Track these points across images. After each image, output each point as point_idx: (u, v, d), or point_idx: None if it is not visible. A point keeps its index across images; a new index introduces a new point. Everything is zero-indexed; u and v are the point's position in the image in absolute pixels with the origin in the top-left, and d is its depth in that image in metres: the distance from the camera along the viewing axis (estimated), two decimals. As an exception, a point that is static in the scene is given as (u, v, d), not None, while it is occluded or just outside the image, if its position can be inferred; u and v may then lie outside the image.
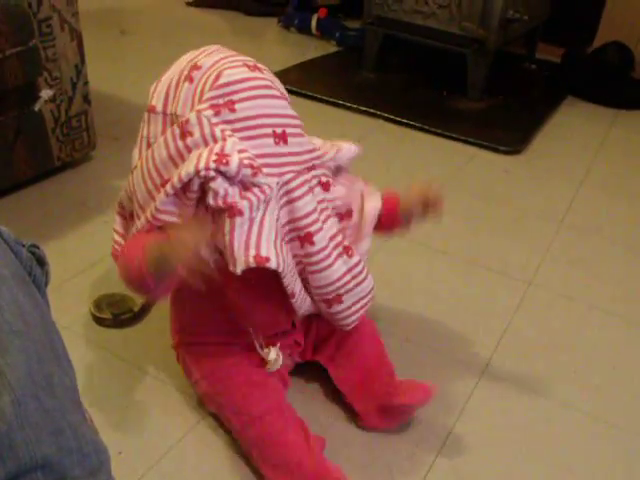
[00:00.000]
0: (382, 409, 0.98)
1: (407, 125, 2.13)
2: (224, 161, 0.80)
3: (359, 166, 1.05)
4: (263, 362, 0.97)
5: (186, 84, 0.86)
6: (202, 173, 0.80)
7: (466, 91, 2.35)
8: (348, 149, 1.00)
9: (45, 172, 1.57)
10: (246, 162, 0.82)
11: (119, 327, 1.15)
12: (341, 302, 0.95)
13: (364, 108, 2.20)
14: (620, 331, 1.29)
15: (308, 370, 1.08)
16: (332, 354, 1.04)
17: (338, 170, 1.00)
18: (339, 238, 0.93)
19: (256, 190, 0.83)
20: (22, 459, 0.55)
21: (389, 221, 1.03)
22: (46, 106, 1.49)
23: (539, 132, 2.20)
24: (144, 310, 1.19)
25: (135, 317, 1.17)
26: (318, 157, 0.93)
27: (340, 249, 0.93)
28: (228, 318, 0.96)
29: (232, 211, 0.82)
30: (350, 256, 0.94)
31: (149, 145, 0.90)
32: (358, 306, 0.97)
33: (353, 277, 0.95)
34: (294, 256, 0.91)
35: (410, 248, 1.47)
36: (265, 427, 0.90)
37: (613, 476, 0.98)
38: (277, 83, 0.90)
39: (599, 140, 2.18)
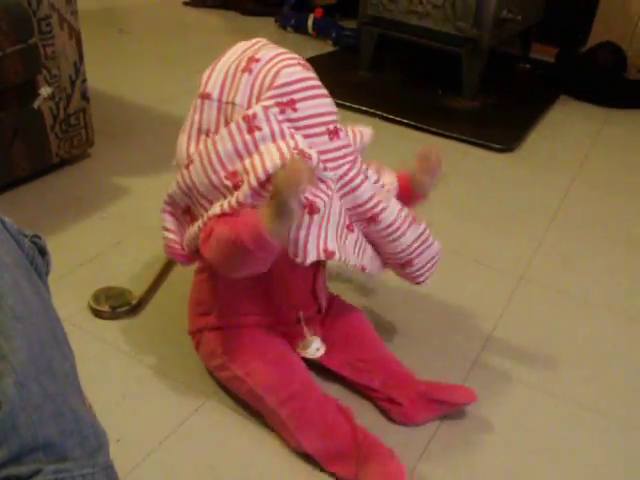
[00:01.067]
0: (421, 398, 1.01)
1: (402, 124, 2.15)
2: (307, 155, 0.84)
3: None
4: (293, 346, 1.03)
5: (245, 75, 0.89)
6: None
7: (461, 90, 2.37)
8: (367, 133, 1.07)
9: (44, 169, 1.59)
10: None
11: (117, 319, 1.17)
12: (412, 265, 1.04)
13: (360, 107, 2.22)
14: (611, 324, 1.31)
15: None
16: (345, 360, 1.06)
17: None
18: (405, 211, 1.00)
19: (323, 187, 0.89)
20: (24, 439, 0.57)
21: (405, 197, 1.07)
22: (45, 103, 1.51)
23: (532, 130, 2.22)
24: (141, 303, 1.21)
25: (133, 309, 1.19)
26: (356, 142, 1.00)
27: (410, 219, 1.00)
28: (264, 299, 1.00)
29: (312, 209, 0.87)
30: (418, 224, 1.02)
31: (200, 131, 0.91)
32: (429, 265, 1.07)
33: (422, 242, 1.03)
34: (363, 233, 0.99)
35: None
36: (302, 401, 0.93)
37: (604, 465, 1.00)
38: (320, 82, 0.94)
39: (591, 138, 2.21)
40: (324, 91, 0.92)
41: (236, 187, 0.87)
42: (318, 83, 0.92)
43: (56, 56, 1.49)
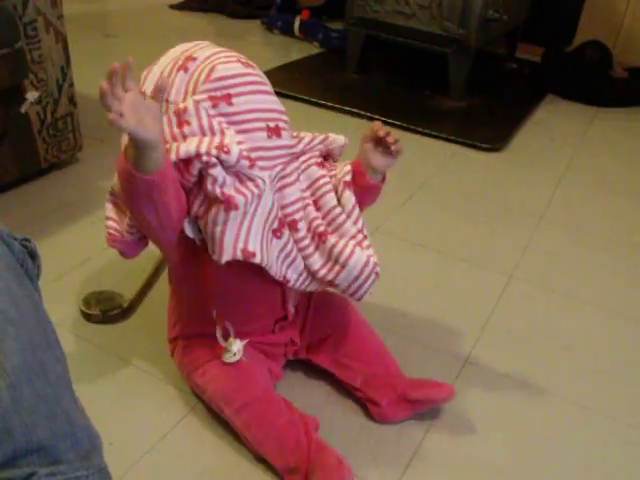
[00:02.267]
0: (400, 399, 1.01)
1: (390, 124, 2.14)
2: (225, 149, 0.82)
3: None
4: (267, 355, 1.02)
5: (180, 73, 0.87)
6: (204, 158, 0.82)
7: (448, 90, 2.39)
8: (337, 137, 1.04)
9: (32, 173, 1.58)
10: (244, 154, 0.85)
11: (108, 323, 1.17)
12: (335, 286, 0.96)
13: (347, 108, 2.22)
14: (600, 321, 1.32)
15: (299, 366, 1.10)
16: (331, 357, 1.07)
17: (326, 157, 1.03)
18: (320, 227, 0.94)
19: (250, 184, 0.86)
20: (18, 442, 0.57)
21: (361, 184, 1.01)
22: (32, 108, 1.50)
23: (519, 130, 2.24)
24: (132, 306, 1.21)
25: (123, 313, 1.19)
26: (308, 143, 0.97)
27: (317, 238, 0.94)
28: (231, 309, 0.98)
29: (229, 204, 0.84)
30: (324, 242, 0.94)
31: None
32: (356, 285, 0.96)
33: (335, 262, 0.94)
34: (290, 241, 0.93)
35: (391, 243, 1.50)
36: (256, 412, 0.93)
37: (597, 462, 1.01)
38: (266, 80, 0.93)
39: (578, 137, 2.23)
40: (267, 88, 0.90)
41: None
42: (260, 79, 0.90)
43: (43, 60, 1.49)
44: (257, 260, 0.87)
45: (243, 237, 0.86)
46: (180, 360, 1.03)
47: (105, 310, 1.17)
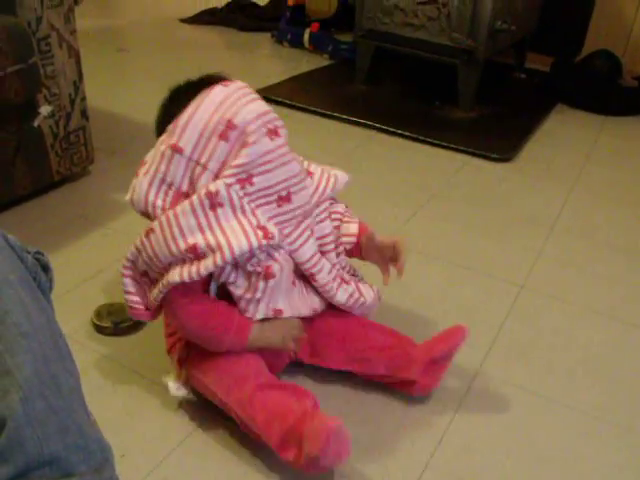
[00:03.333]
0: (429, 365, 1.05)
1: (400, 135, 2.16)
2: (270, 236, 0.90)
3: (354, 177, 1.09)
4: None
5: (222, 143, 0.91)
6: (256, 252, 0.91)
7: (457, 101, 2.39)
8: (342, 178, 1.08)
9: (44, 186, 1.60)
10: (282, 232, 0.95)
11: (119, 335, 1.18)
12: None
13: (357, 119, 2.23)
14: (612, 331, 1.31)
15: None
16: (345, 356, 1.08)
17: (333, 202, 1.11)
18: (336, 271, 1.06)
19: (281, 252, 0.95)
20: (30, 455, 0.58)
21: (355, 252, 1.13)
22: (45, 122, 1.52)
23: (529, 139, 2.24)
24: (144, 319, 1.21)
25: (135, 326, 1.19)
26: (321, 194, 1.03)
27: (338, 280, 1.05)
28: None
29: (267, 275, 0.93)
30: (348, 284, 1.07)
31: (163, 182, 0.93)
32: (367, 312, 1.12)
33: (355, 301, 1.07)
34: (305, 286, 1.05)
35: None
36: (242, 392, 0.93)
37: (610, 472, 1.00)
38: (287, 141, 0.96)
39: (589, 146, 2.22)
40: (288, 157, 0.94)
41: (197, 258, 0.90)
42: (284, 152, 0.93)
43: (56, 75, 1.51)
44: (285, 315, 1.00)
45: (274, 298, 0.98)
46: (179, 362, 1.04)
47: (117, 322, 1.18)
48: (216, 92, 0.93)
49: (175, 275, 0.91)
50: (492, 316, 1.32)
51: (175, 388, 1.00)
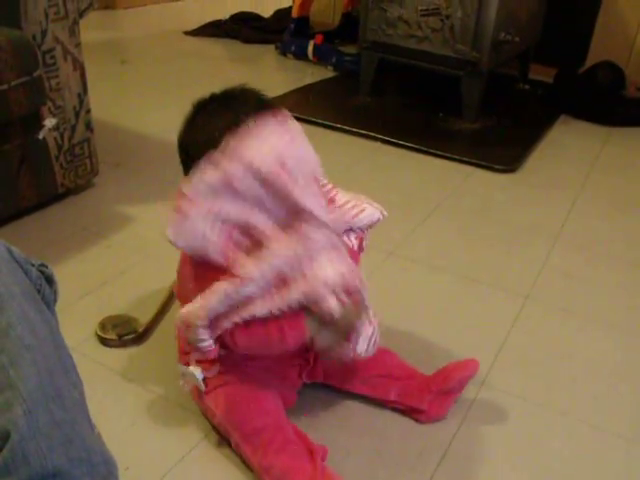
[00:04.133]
0: (439, 395, 1.05)
1: (404, 147, 2.16)
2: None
3: (359, 188, 1.09)
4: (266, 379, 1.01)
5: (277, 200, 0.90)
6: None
7: (461, 112, 2.39)
8: (370, 214, 1.07)
9: (49, 198, 1.60)
10: None
11: (124, 347, 1.17)
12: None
13: (362, 131, 2.24)
14: (616, 342, 1.31)
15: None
16: (360, 379, 1.08)
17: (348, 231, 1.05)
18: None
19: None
20: (34, 468, 0.58)
21: None
22: (50, 134, 1.53)
23: (534, 150, 2.23)
24: (148, 331, 1.21)
25: (139, 338, 1.19)
26: (355, 215, 1.05)
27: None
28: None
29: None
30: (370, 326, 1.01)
31: (227, 221, 0.85)
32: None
33: (374, 344, 1.01)
34: None
35: (406, 264, 1.50)
36: (263, 440, 0.92)
37: (612, 484, 0.99)
38: None
39: (593, 157, 2.22)
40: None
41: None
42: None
43: (60, 88, 1.51)
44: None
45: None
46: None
47: (121, 334, 1.18)
48: (276, 142, 0.89)
49: (264, 310, 0.87)
50: (497, 327, 1.31)
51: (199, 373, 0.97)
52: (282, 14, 3.60)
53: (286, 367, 1.04)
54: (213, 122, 0.89)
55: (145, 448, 0.98)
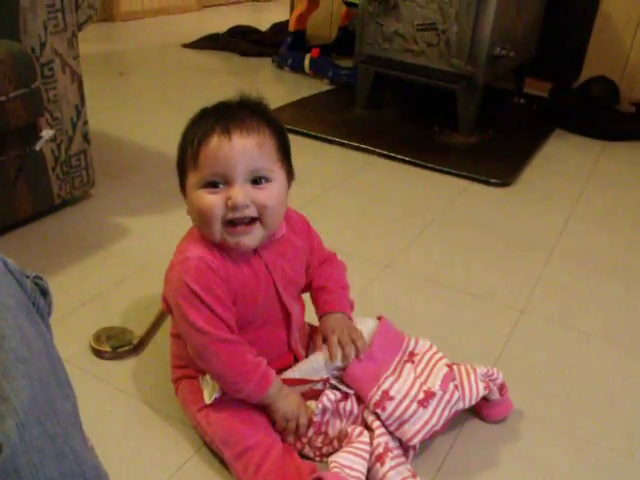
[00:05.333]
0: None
1: (400, 160, 2.17)
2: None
3: (353, 201, 1.09)
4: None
5: (420, 410, 0.98)
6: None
7: (457, 126, 2.41)
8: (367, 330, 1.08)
9: (45, 209, 1.60)
10: None
11: (118, 359, 1.17)
12: None
13: (357, 144, 2.24)
14: (612, 356, 1.31)
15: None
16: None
17: None
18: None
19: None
20: (26, 482, 0.57)
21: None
22: (47, 145, 1.53)
23: (529, 164, 2.25)
24: (142, 343, 1.21)
25: (134, 350, 1.19)
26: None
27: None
28: None
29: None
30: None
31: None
32: None
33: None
34: None
35: (401, 278, 1.50)
36: (254, 458, 0.92)
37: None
38: None
39: (587, 171, 2.23)
40: None
41: None
42: None
43: (58, 99, 1.52)
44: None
45: None
46: (183, 400, 1.03)
47: (115, 346, 1.18)
48: None
49: None
50: (492, 341, 1.31)
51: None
52: (279, 28, 3.63)
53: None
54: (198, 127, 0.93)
55: (138, 461, 0.98)
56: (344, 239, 1.59)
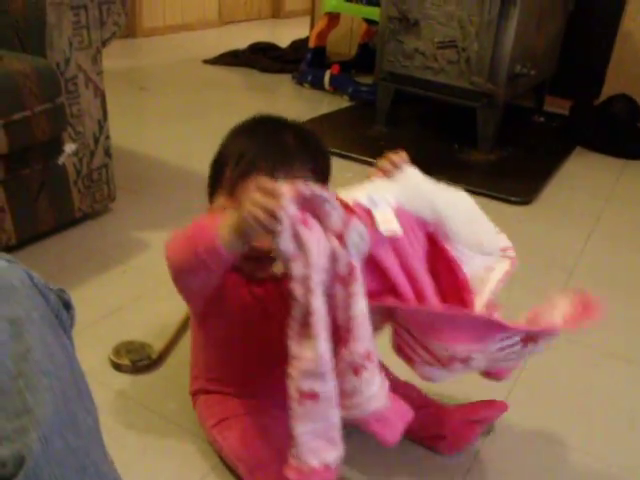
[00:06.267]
0: (463, 424, 1.05)
1: (419, 176, 2.17)
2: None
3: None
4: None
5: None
6: None
7: (476, 144, 2.40)
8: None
9: (66, 223, 1.62)
10: None
11: (137, 373, 1.17)
12: None
13: (377, 161, 2.24)
14: (631, 376, 1.29)
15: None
16: None
17: None
18: None
19: None
20: (47, 496, 0.57)
21: None
22: (69, 159, 1.55)
23: (549, 183, 2.23)
24: (162, 357, 1.21)
25: (153, 364, 1.19)
26: None
27: None
28: (246, 369, 1.00)
29: None
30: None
31: None
32: None
33: None
34: None
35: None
36: (268, 474, 0.91)
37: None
38: None
39: (608, 190, 2.21)
40: None
41: None
42: None
43: (81, 114, 1.54)
44: None
45: None
46: (200, 414, 1.03)
47: (135, 360, 1.18)
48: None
49: None
50: (512, 361, 1.30)
51: None
52: (299, 44, 3.65)
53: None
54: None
55: (158, 476, 0.98)
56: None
